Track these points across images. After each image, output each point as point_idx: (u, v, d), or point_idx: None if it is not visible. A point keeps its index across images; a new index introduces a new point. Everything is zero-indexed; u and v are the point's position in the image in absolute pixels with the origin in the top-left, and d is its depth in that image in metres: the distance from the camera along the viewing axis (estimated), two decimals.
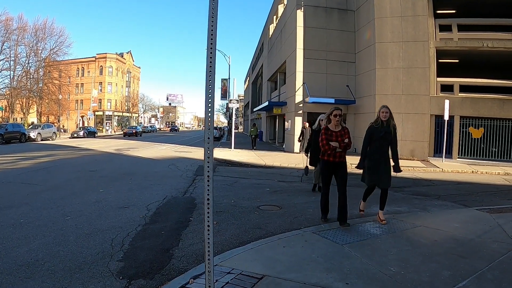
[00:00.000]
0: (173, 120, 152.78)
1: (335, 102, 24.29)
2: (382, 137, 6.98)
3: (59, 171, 14.57)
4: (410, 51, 21.56)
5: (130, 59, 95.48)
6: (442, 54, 21.93)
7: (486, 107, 20.76)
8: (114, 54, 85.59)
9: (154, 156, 22.29)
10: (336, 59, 26.06)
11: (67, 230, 6.51)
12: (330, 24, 26.24)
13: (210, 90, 3.62)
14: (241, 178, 13.83)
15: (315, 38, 25.95)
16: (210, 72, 3.61)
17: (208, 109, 3.61)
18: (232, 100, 29.50)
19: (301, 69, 25.80)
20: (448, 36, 21.49)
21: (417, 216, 7.80)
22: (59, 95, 55.19)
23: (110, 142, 36.65)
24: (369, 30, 23.55)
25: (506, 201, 10.70)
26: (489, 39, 20.77)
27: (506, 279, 4.47)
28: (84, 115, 74.18)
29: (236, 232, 6.75)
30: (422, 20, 21.44)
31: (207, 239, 3.62)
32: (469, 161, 20.66)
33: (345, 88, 25.66)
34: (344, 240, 5.88)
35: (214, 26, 3.61)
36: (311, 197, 10.26)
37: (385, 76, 22.01)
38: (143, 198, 9.52)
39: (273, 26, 39.43)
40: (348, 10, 26.52)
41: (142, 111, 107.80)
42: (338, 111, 7.10)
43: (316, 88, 25.25)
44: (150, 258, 5.38)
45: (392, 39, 21.99)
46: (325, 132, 7.06)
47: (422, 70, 21.32)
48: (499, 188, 13.51)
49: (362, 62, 24.83)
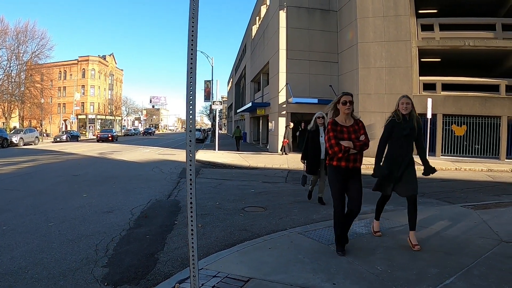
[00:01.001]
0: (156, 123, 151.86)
1: (319, 102, 24.46)
2: (407, 135, 5.61)
3: (42, 176, 14.35)
4: (392, 51, 21.73)
5: (113, 61, 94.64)
6: (424, 53, 22.15)
7: (468, 105, 21.03)
8: (97, 57, 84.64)
9: (138, 159, 22.12)
10: (319, 59, 26.18)
11: (50, 237, 6.40)
12: (313, 25, 26.35)
13: (191, 92, 3.56)
14: (225, 180, 13.77)
15: (298, 38, 26.06)
16: (191, 73, 3.55)
17: (190, 111, 3.55)
18: (215, 102, 29.44)
19: (284, 70, 25.88)
20: (430, 36, 21.74)
21: (402, 214, 7.76)
22: (41, 99, 54.50)
23: (93, 146, 36.32)
24: (351, 30, 23.68)
25: (490, 197, 10.80)
26: (471, 38, 21.07)
27: (493, 275, 4.48)
28: (66, 119, 73.29)
29: (221, 234, 6.69)
30: (404, 20, 21.64)
31: (191, 243, 3.56)
32: (452, 158, 20.89)
33: (328, 88, 25.74)
34: (330, 240, 5.84)
35: (194, 27, 3.56)
36: (296, 197, 10.26)
37: (368, 76, 22.16)
38: (127, 202, 9.42)
39: (256, 27, 39.46)
40: (330, 11, 26.66)
41: (125, 114, 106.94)
42: (348, 96, 5.39)
43: (299, 89, 25.34)
44: (135, 263, 5.30)
45: (374, 39, 22.14)
46: (332, 127, 5.29)
47: (405, 69, 21.51)
48: (482, 184, 13.64)
49: (345, 62, 24.96)
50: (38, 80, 57.13)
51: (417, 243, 5.47)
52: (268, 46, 30.40)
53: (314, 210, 8.65)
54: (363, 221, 6.96)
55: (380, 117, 21.61)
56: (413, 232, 5.59)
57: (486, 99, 20.91)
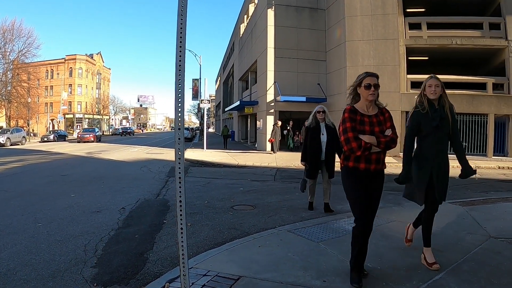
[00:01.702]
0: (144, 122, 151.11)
1: (307, 100, 24.66)
2: (437, 127, 4.38)
3: (30, 176, 14.22)
4: (380, 49, 21.85)
5: (100, 60, 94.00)
6: (412, 52, 22.31)
7: (456, 103, 20.64)
8: (84, 56, 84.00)
9: (126, 158, 21.99)
10: (307, 57, 26.28)
11: (38, 238, 6.32)
12: (301, 23, 26.42)
13: (179, 90, 3.53)
14: (214, 179, 13.74)
15: (286, 37, 26.12)
16: (179, 70, 3.52)
17: (178, 109, 3.52)
18: (203, 100, 29.41)
19: (272, 68, 25.91)
20: (418, 34, 21.91)
21: (391, 211, 7.83)
22: (28, 98, 53.83)
23: (80, 146, 36.02)
24: (339, 28, 23.77)
25: (478, 193, 10.90)
26: (458, 37, 21.29)
27: (482, 270, 4.51)
28: (54, 118, 72.66)
29: (210, 233, 6.66)
30: (392, 18, 21.77)
31: (181, 242, 3.53)
32: None
33: (317, 86, 25.86)
34: (319, 238, 5.85)
35: (183, 25, 3.53)
36: (285, 195, 10.27)
37: (355, 74, 21.71)
38: (116, 202, 9.35)
39: (244, 26, 39.41)
40: (318, 9, 26.74)
41: (113, 113, 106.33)
42: (373, 78, 4.07)
43: (287, 87, 25.40)
44: (124, 263, 5.26)
45: (362, 37, 22.25)
46: (350, 116, 4.08)
47: (392, 67, 21.63)
48: (470, 181, 13.70)
49: (333, 60, 25.05)
50: (25, 79, 56.40)
51: (435, 261, 4.56)
52: (256, 45, 30.41)
53: (303, 208, 8.63)
54: (352, 219, 6.89)
55: None
56: (429, 249, 4.69)
57: (473, 97, 21.10)
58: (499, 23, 21.32)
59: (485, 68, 23.85)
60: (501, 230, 6.23)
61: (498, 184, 13.26)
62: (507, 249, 5.34)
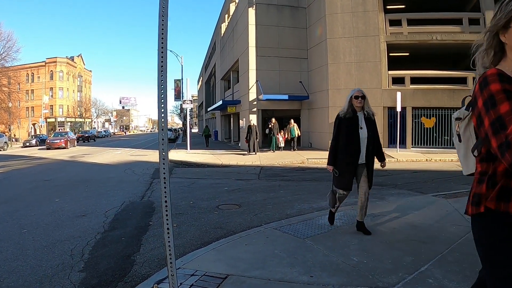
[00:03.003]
0: (127, 124, 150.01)
1: (289, 98, 24.84)
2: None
3: (13, 182, 14.06)
4: (361, 46, 22.01)
5: (81, 62, 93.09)
6: (393, 48, 22.50)
7: (437, 98, 21.45)
8: (65, 58, 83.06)
9: (109, 161, 21.84)
10: (288, 55, 26.34)
11: (24, 244, 6.24)
12: (282, 21, 26.47)
13: (162, 91, 3.53)
14: (198, 179, 13.72)
15: (267, 35, 26.15)
16: (161, 71, 3.52)
17: (161, 110, 3.52)
18: (186, 101, 29.23)
19: (254, 67, 25.93)
20: (398, 31, 22.11)
21: (375, 206, 7.89)
22: (9, 103, 52.92)
23: (63, 149, 35.64)
24: (320, 26, 23.88)
25: (460, 186, 11.01)
26: (438, 32, 21.55)
27: (466, 260, 4.57)
28: (35, 123, 71.80)
29: (197, 233, 6.65)
30: (372, 15, 21.94)
31: (168, 242, 3.53)
32: (423, 150, 21.28)
33: (299, 84, 25.96)
34: (305, 234, 5.88)
35: (164, 25, 3.53)
36: (270, 193, 10.29)
37: (337, 71, 22.40)
38: (101, 205, 9.27)
39: (225, 25, 39.35)
40: (299, 7, 26.81)
41: (95, 116, 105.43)
42: None
43: (269, 85, 25.44)
44: (111, 266, 5.22)
45: (343, 35, 22.39)
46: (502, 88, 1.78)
47: (374, 64, 21.81)
48: (453, 174, 13.93)
49: (315, 58, 25.16)
50: (5, 84, 55.33)
51: None
52: (238, 44, 30.38)
53: (288, 205, 8.67)
54: (337, 214, 6.98)
55: None
56: None
57: (454, 91, 21.34)
58: (478, 18, 21.59)
59: (465, 62, 23.87)
60: None
61: None
62: None
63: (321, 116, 23.99)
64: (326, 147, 22.47)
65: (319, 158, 18.58)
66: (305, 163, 18.06)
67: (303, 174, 14.71)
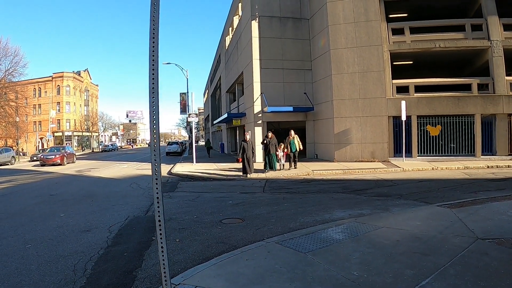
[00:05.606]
0: (134, 137, 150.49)
1: (294, 110, 24.83)
2: None
3: (19, 197, 14.08)
4: (364, 56, 22.00)
5: (88, 77, 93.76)
6: (396, 57, 22.49)
7: (442, 105, 21.37)
8: (71, 73, 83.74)
9: (115, 175, 21.86)
10: (292, 67, 26.37)
11: (28, 259, 6.28)
12: (285, 33, 26.55)
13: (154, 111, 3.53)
14: (203, 193, 13.70)
15: (271, 47, 26.23)
16: (153, 93, 3.52)
17: (154, 130, 3.52)
18: (191, 114, 29.34)
19: (258, 79, 25.98)
20: (401, 39, 22.10)
21: (379, 217, 7.84)
22: (16, 117, 53.33)
23: (70, 164, 35.76)
24: (323, 37, 23.92)
25: (467, 194, 10.94)
26: (441, 40, 21.53)
27: (469, 273, 4.51)
28: (43, 137, 72.21)
29: (199, 248, 6.62)
30: (375, 25, 21.95)
31: (162, 260, 3.52)
32: (429, 158, 21.14)
33: (303, 95, 25.97)
34: (307, 248, 5.84)
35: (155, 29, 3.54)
36: (273, 206, 10.23)
37: (341, 82, 22.37)
38: (105, 220, 9.27)
39: (229, 38, 39.55)
40: (302, 19, 26.88)
41: (102, 130, 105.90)
42: None
43: (274, 97, 25.49)
44: (113, 281, 5.23)
45: (346, 45, 22.40)
46: None
47: (377, 73, 21.77)
48: (459, 182, 13.83)
49: (318, 69, 25.17)
50: (13, 98, 55.84)
51: None
52: (242, 56, 30.51)
53: (291, 218, 8.62)
54: (340, 227, 6.95)
55: (355, 122, 21.85)
56: None
57: (459, 98, 21.28)
58: (481, 24, 21.58)
59: (469, 69, 24.12)
60: (489, 231, 6.26)
61: (488, 184, 13.32)
62: (494, 250, 5.36)
63: (327, 127, 23.93)
64: (332, 158, 22.44)
65: (325, 170, 18.50)
66: (311, 174, 17.96)
67: (308, 186, 14.63)
